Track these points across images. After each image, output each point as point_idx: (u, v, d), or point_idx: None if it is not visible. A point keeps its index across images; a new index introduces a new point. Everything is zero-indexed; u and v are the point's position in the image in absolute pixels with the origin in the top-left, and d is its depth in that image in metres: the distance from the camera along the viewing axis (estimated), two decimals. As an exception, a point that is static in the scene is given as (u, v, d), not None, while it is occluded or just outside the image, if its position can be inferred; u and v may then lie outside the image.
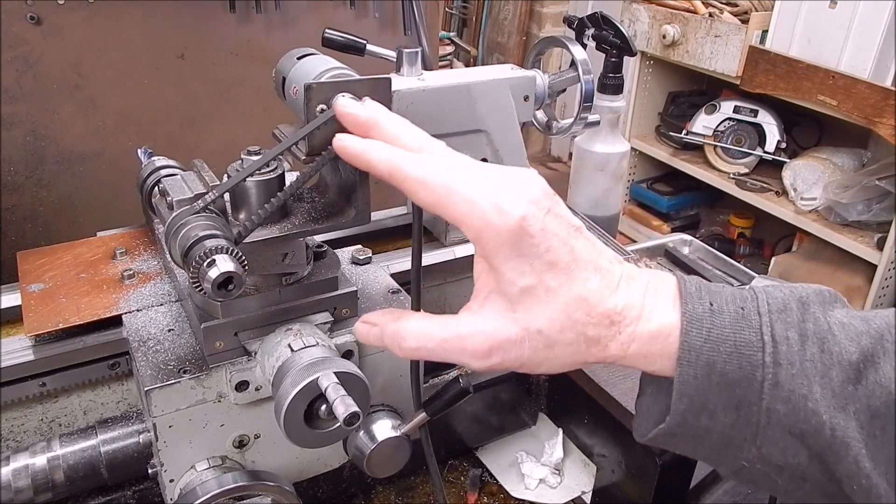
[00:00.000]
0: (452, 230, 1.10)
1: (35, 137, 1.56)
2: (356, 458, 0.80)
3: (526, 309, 0.52)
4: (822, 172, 2.85)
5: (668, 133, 3.42)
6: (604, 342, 0.54)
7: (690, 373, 0.53)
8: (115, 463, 0.81)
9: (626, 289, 0.55)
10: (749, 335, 0.53)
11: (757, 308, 0.54)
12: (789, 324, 0.53)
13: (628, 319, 0.54)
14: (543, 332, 0.52)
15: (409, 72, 0.98)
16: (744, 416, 0.53)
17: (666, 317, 0.54)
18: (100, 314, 0.84)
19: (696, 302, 0.54)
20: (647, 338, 0.54)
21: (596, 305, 0.53)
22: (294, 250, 0.74)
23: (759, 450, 0.54)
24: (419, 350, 0.55)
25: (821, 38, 2.70)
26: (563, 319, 0.52)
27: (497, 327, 0.53)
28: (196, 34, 1.67)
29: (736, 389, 0.52)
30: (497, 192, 0.51)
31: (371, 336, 0.60)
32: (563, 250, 0.52)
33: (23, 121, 1.54)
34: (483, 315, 0.54)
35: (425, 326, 0.55)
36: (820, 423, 0.51)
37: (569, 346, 0.53)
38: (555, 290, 0.52)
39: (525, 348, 0.53)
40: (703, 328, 0.53)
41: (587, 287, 0.53)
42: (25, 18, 1.47)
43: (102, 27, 1.55)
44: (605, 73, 1.39)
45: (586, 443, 1.16)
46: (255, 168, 0.68)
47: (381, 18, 1.89)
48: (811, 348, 0.52)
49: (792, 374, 0.52)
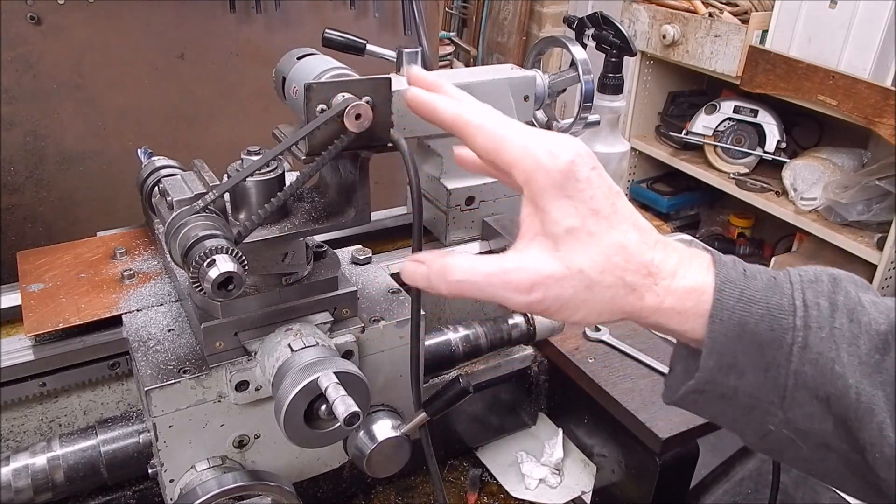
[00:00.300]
0: (452, 230, 1.10)
1: (35, 137, 1.56)
2: (356, 458, 0.80)
3: (569, 248, 0.54)
4: (822, 172, 2.85)
5: (668, 133, 3.41)
6: (640, 291, 0.55)
7: (721, 330, 0.54)
8: (115, 463, 0.81)
9: (662, 249, 0.57)
10: (781, 299, 0.54)
11: (789, 278, 0.56)
12: (820, 293, 0.55)
13: (664, 273, 0.56)
14: (585, 271, 0.54)
15: (409, 72, 0.98)
16: (772, 378, 0.54)
17: (700, 277, 0.56)
18: (100, 314, 0.84)
19: (729, 268, 0.57)
20: (681, 292, 0.55)
21: (634, 255, 0.55)
22: (294, 250, 0.74)
23: (786, 413, 0.55)
24: (464, 283, 0.56)
25: (821, 38, 2.70)
26: (604, 262, 0.54)
27: (541, 263, 0.55)
28: (196, 34, 1.67)
29: (765, 350, 0.54)
30: (549, 140, 0.55)
31: (418, 274, 0.59)
32: (606, 202, 0.55)
33: (23, 121, 1.54)
34: (527, 253, 0.56)
35: (472, 261, 0.57)
36: (846, 387, 0.52)
37: (608, 290, 0.55)
38: (597, 235, 0.54)
39: (566, 286, 0.54)
40: (736, 289, 0.55)
41: (627, 237, 0.55)
42: (25, 18, 1.47)
43: (102, 27, 1.55)
44: (605, 73, 1.39)
45: (586, 443, 1.16)
46: (255, 168, 0.68)
47: (381, 18, 1.89)
48: (840, 317, 0.54)
49: (821, 338, 0.53)
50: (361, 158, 0.72)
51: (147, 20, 1.60)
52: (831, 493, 1.04)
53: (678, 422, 0.99)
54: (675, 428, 0.98)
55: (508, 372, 1.13)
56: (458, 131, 0.58)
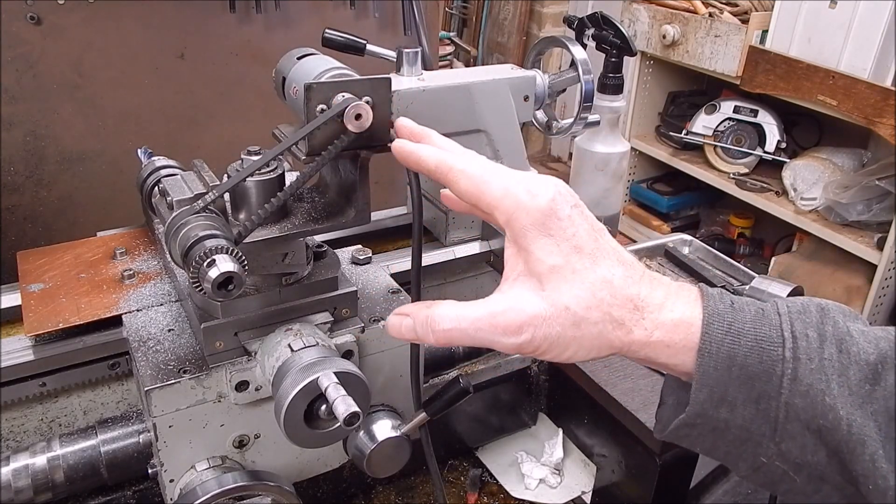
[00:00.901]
0: (452, 230, 1.10)
1: (35, 137, 1.56)
2: (356, 458, 0.80)
3: (554, 287, 0.55)
4: (822, 172, 2.85)
5: (668, 133, 3.41)
6: (628, 325, 0.55)
7: (711, 364, 0.54)
8: (115, 463, 0.81)
9: (648, 282, 0.57)
10: (769, 331, 0.54)
11: (777, 309, 0.56)
12: (808, 324, 0.55)
13: (651, 306, 0.56)
14: (570, 308, 0.54)
15: (409, 72, 0.98)
16: (763, 410, 0.54)
17: (689, 310, 0.56)
18: (100, 314, 0.84)
19: (717, 301, 0.57)
20: (670, 325, 0.56)
21: (620, 289, 0.55)
22: (294, 250, 0.74)
23: (779, 446, 0.55)
24: (452, 332, 0.56)
25: (821, 38, 2.70)
26: (589, 298, 0.54)
27: (527, 304, 0.55)
28: (196, 34, 1.67)
29: (756, 383, 0.54)
30: (529, 181, 0.56)
31: (404, 327, 0.60)
32: (589, 239, 0.56)
33: (23, 121, 1.54)
34: (513, 294, 0.56)
35: (457, 309, 0.57)
36: (837, 419, 0.52)
37: (595, 326, 0.55)
38: (581, 272, 0.55)
39: (554, 325, 0.54)
40: (724, 321, 0.55)
41: (611, 272, 0.55)
42: (25, 18, 1.47)
43: (102, 27, 1.55)
44: (605, 73, 1.39)
45: (586, 443, 1.16)
46: (255, 168, 0.68)
47: (381, 18, 1.89)
48: (829, 348, 0.54)
49: (811, 369, 0.53)
50: (361, 158, 0.72)
51: (147, 20, 1.60)
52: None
53: (678, 422, 0.99)
54: (675, 428, 0.98)
55: (508, 372, 1.13)
56: (441, 178, 0.59)
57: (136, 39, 1.60)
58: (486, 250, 1.11)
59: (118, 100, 1.63)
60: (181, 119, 1.73)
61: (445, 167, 0.59)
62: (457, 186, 0.58)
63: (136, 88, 1.64)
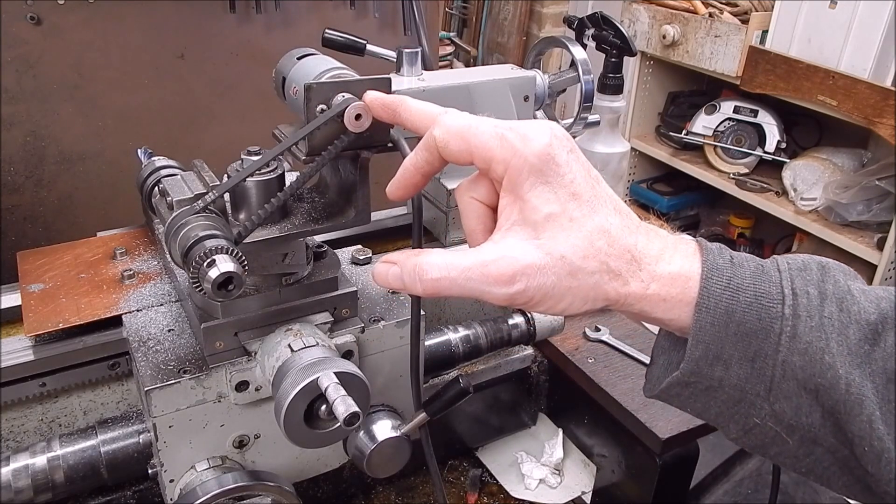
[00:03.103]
0: (452, 230, 1.10)
1: (35, 137, 1.56)
2: (356, 458, 0.80)
3: (550, 236, 0.52)
4: (822, 172, 2.85)
5: (668, 133, 3.41)
6: (625, 277, 0.53)
7: (708, 319, 0.53)
8: (115, 463, 0.81)
9: (645, 233, 0.55)
10: (769, 287, 0.53)
11: (777, 266, 0.55)
12: (809, 281, 0.53)
13: (649, 258, 0.54)
14: (567, 257, 0.52)
15: (409, 72, 0.98)
16: (758, 369, 0.53)
17: (687, 263, 0.55)
18: (100, 314, 0.84)
19: (716, 255, 0.55)
20: (667, 278, 0.54)
21: (618, 238, 0.53)
22: (294, 250, 0.74)
23: (772, 406, 0.53)
24: (441, 281, 0.53)
25: (821, 38, 2.70)
26: (586, 246, 0.52)
27: (521, 253, 0.52)
28: (196, 34, 1.67)
29: (752, 340, 0.52)
30: (521, 126, 0.54)
31: (391, 275, 0.56)
32: (586, 185, 0.53)
33: (23, 121, 1.54)
34: (506, 243, 0.53)
35: (447, 257, 0.54)
36: (835, 378, 0.51)
37: (591, 276, 0.53)
38: (578, 220, 0.52)
39: (549, 275, 0.52)
40: (723, 276, 0.53)
41: (609, 221, 0.53)
42: (25, 18, 1.47)
43: (102, 27, 1.55)
44: (605, 73, 1.39)
45: (586, 443, 1.16)
46: (255, 168, 0.68)
47: (381, 18, 1.89)
48: (830, 306, 0.52)
49: (811, 327, 0.52)
50: (361, 158, 0.72)
51: (147, 20, 1.60)
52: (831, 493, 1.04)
53: (678, 422, 0.99)
54: (675, 428, 0.98)
55: (508, 372, 1.13)
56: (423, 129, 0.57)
57: (136, 39, 1.60)
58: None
59: (118, 100, 1.63)
60: (181, 119, 1.73)
61: (433, 125, 0.56)
62: (447, 149, 0.55)
63: (136, 88, 1.64)
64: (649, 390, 0.60)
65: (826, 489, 1.00)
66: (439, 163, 0.57)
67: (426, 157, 0.57)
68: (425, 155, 0.57)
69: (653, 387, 0.59)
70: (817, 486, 1.07)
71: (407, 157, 0.59)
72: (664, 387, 0.57)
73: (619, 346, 1.15)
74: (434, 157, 0.57)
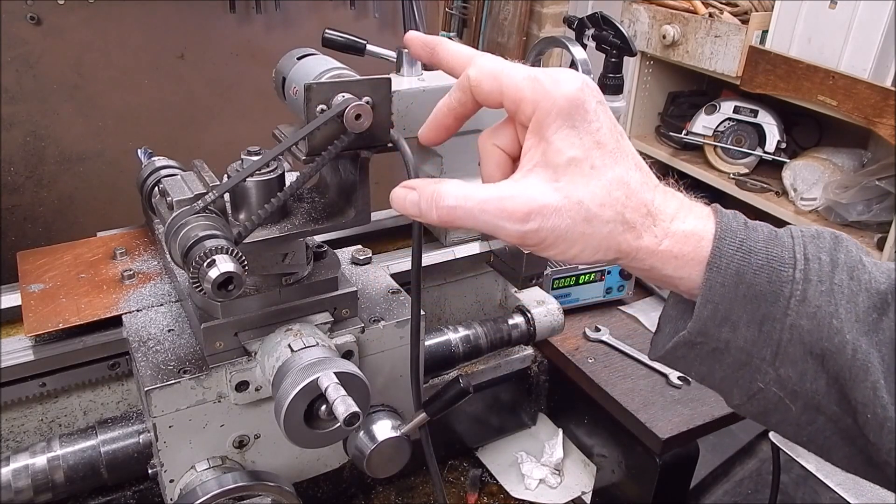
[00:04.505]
0: (452, 230, 1.10)
1: (35, 137, 1.56)
2: (356, 458, 0.80)
3: (570, 180, 0.53)
4: (822, 172, 2.85)
5: (668, 133, 3.41)
6: (639, 230, 0.54)
7: (718, 279, 0.53)
8: (115, 463, 0.81)
9: (662, 192, 0.56)
10: (781, 252, 0.53)
11: (790, 233, 0.55)
12: (821, 248, 0.54)
13: (664, 215, 0.55)
14: (584, 203, 0.53)
15: (409, 72, 0.98)
16: (766, 333, 0.53)
17: (701, 223, 0.55)
18: (100, 314, 0.84)
19: (730, 218, 0.56)
20: (680, 236, 0.55)
21: (636, 191, 0.54)
22: (294, 250, 0.74)
23: (777, 371, 0.54)
24: (457, 209, 0.54)
25: (821, 38, 2.69)
26: (604, 195, 0.53)
27: (539, 192, 0.53)
28: (196, 34, 1.67)
29: (762, 303, 0.53)
30: (553, 71, 0.54)
31: (408, 201, 0.57)
32: (611, 136, 0.54)
33: (23, 121, 1.54)
34: (525, 182, 0.54)
35: (465, 188, 0.55)
36: (843, 343, 0.51)
37: (606, 225, 0.53)
38: (599, 168, 0.53)
39: (564, 217, 0.53)
40: (736, 238, 0.54)
41: (629, 174, 0.54)
42: (25, 18, 1.47)
43: (102, 27, 1.55)
44: (605, 74, 1.39)
45: (586, 443, 1.16)
46: (255, 168, 0.68)
47: (381, 18, 1.89)
48: (840, 274, 0.53)
49: (821, 292, 0.52)
50: (361, 158, 0.72)
51: (147, 20, 1.60)
52: (831, 492, 1.04)
53: (678, 422, 0.99)
54: (675, 428, 0.98)
55: (508, 372, 1.13)
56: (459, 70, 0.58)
57: (136, 39, 1.61)
58: (485, 250, 1.11)
59: (118, 100, 1.63)
60: (181, 119, 1.73)
61: (465, 58, 0.58)
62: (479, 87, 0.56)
63: (136, 88, 1.65)
64: (654, 353, 0.60)
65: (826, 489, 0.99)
66: (472, 104, 0.58)
67: (460, 98, 0.58)
68: (459, 95, 0.58)
69: (659, 349, 0.59)
70: (817, 485, 1.07)
71: (441, 99, 0.60)
72: (670, 346, 0.57)
73: (619, 346, 1.15)
74: (467, 98, 0.57)
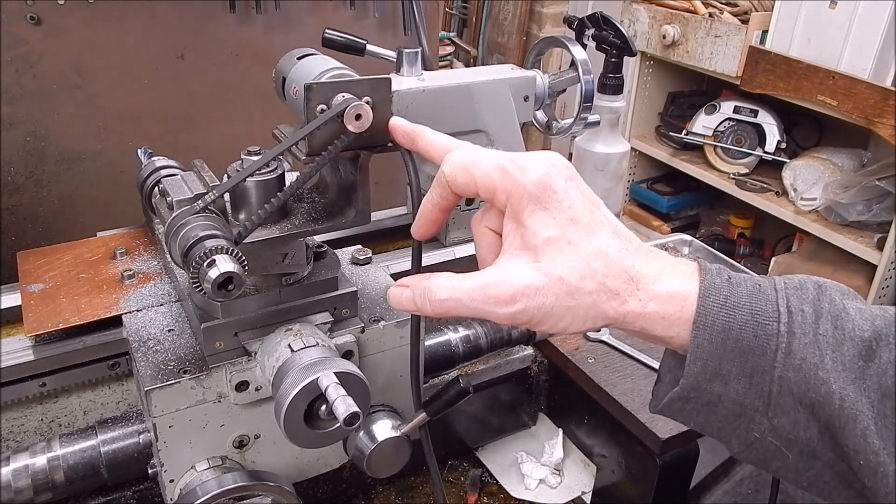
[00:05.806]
0: (452, 230, 1.10)
1: (35, 137, 1.56)
2: (356, 458, 0.80)
3: (549, 259, 0.55)
4: (822, 172, 2.85)
5: (668, 133, 3.41)
6: (623, 296, 0.56)
7: (706, 336, 0.55)
8: (115, 463, 0.81)
9: (643, 255, 0.57)
10: (765, 305, 0.55)
11: (774, 285, 0.57)
12: (804, 300, 0.55)
13: (647, 278, 0.56)
14: (565, 278, 0.55)
15: (409, 72, 0.98)
16: (756, 385, 0.54)
17: (685, 283, 0.57)
18: (100, 314, 0.84)
19: (714, 275, 0.57)
20: (664, 297, 0.56)
21: (615, 260, 0.56)
22: (294, 250, 0.74)
23: (771, 421, 0.55)
24: (448, 301, 0.58)
25: (821, 38, 2.69)
26: (584, 268, 0.55)
27: (521, 275, 0.55)
28: (196, 34, 1.67)
29: (749, 357, 0.54)
30: (523, 158, 0.57)
31: (403, 298, 0.61)
32: (584, 211, 0.56)
33: (23, 121, 1.54)
34: (507, 267, 0.57)
35: (453, 280, 0.58)
36: (829, 393, 0.52)
37: (589, 297, 0.55)
38: (576, 243, 0.55)
39: (548, 295, 0.55)
40: (720, 295, 0.55)
41: (607, 244, 0.56)
42: (25, 18, 1.47)
43: (102, 27, 1.55)
44: (605, 74, 1.39)
45: (586, 443, 1.16)
46: (255, 168, 0.68)
47: (381, 18, 1.89)
48: (825, 324, 0.54)
49: (805, 344, 0.53)
50: (361, 159, 0.72)
51: (147, 20, 1.60)
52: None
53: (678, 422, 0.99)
54: (675, 428, 0.98)
55: (508, 372, 1.13)
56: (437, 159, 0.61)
57: (136, 39, 1.60)
58: (486, 250, 1.11)
59: (118, 100, 1.63)
60: (181, 119, 1.73)
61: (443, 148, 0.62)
62: (455, 181, 0.59)
63: (135, 89, 1.64)
64: (654, 406, 0.62)
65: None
66: (452, 197, 0.61)
67: (441, 193, 0.61)
68: (439, 191, 0.61)
69: (657, 402, 0.61)
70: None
71: (424, 197, 0.64)
72: (666, 402, 0.59)
73: (619, 346, 1.15)
74: (447, 192, 0.60)
